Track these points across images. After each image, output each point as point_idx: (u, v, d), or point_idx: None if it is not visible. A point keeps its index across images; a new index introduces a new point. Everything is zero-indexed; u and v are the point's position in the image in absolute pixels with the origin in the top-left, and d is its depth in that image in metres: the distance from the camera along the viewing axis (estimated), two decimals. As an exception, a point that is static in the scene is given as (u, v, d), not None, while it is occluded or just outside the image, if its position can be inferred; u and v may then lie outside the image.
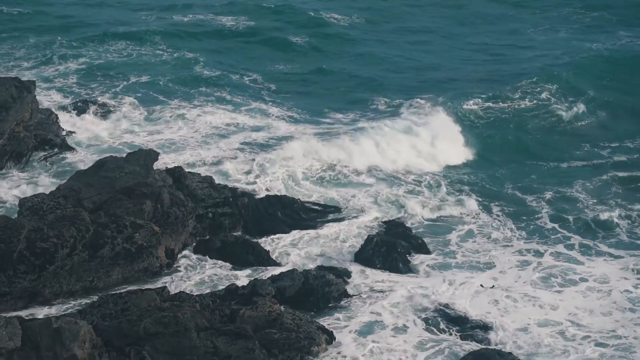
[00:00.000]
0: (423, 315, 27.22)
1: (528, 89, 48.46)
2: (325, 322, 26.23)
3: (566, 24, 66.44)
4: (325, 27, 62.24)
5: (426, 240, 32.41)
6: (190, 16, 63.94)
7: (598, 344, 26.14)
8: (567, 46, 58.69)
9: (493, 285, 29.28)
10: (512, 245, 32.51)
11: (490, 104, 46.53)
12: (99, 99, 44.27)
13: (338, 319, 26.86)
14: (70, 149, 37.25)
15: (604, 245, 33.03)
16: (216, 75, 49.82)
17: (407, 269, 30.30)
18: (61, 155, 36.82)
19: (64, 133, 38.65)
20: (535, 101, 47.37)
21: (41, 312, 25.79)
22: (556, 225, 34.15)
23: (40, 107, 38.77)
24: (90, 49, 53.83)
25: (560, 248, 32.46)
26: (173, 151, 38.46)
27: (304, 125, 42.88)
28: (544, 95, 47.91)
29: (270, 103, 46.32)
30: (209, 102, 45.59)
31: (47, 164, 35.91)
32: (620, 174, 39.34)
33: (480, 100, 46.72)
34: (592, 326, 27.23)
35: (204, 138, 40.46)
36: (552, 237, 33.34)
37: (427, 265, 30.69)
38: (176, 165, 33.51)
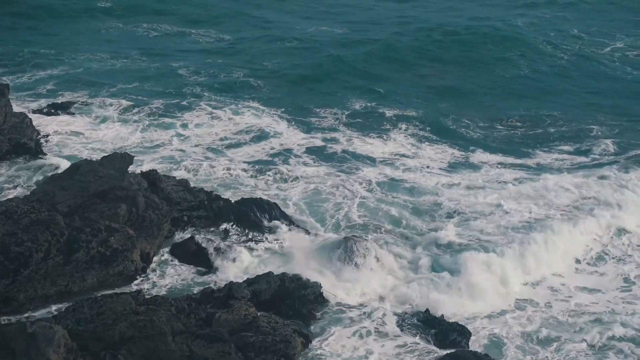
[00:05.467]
0: (399, 318, 27.38)
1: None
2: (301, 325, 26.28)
3: None
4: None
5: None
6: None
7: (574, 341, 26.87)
8: None
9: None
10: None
11: None
12: (78, 102, 44.02)
13: (315, 321, 26.94)
14: (44, 153, 36.94)
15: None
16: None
17: (384, 270, 30.39)
18: (36, 160, 36.46)
19: (38, 137, 38.34)
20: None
21: (16, 317, 25.54)
22: None
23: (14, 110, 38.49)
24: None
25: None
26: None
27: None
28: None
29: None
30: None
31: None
32: None
33: None
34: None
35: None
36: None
37: (403, 265, 30.82)
38: (150, 169, 33.38)
